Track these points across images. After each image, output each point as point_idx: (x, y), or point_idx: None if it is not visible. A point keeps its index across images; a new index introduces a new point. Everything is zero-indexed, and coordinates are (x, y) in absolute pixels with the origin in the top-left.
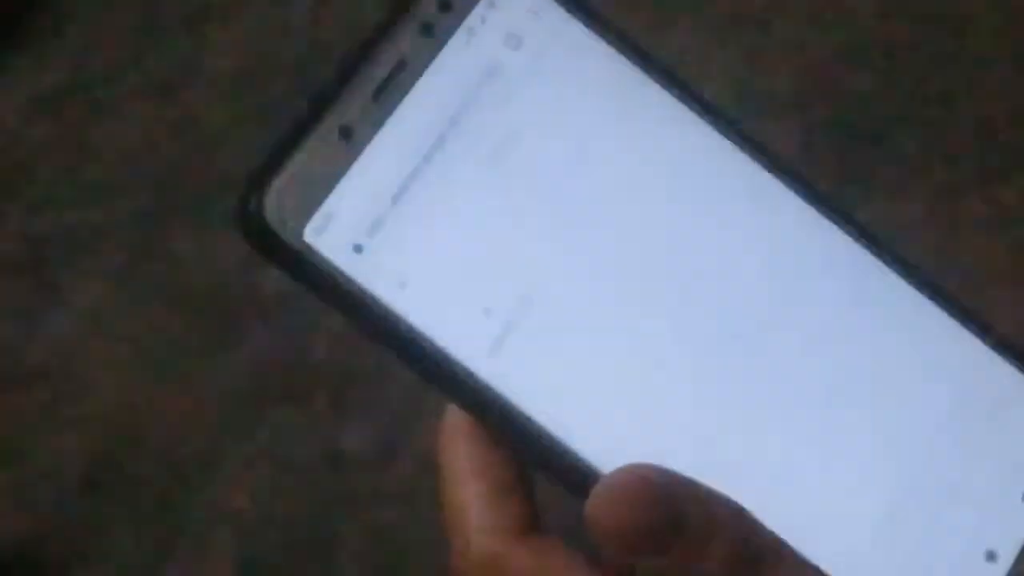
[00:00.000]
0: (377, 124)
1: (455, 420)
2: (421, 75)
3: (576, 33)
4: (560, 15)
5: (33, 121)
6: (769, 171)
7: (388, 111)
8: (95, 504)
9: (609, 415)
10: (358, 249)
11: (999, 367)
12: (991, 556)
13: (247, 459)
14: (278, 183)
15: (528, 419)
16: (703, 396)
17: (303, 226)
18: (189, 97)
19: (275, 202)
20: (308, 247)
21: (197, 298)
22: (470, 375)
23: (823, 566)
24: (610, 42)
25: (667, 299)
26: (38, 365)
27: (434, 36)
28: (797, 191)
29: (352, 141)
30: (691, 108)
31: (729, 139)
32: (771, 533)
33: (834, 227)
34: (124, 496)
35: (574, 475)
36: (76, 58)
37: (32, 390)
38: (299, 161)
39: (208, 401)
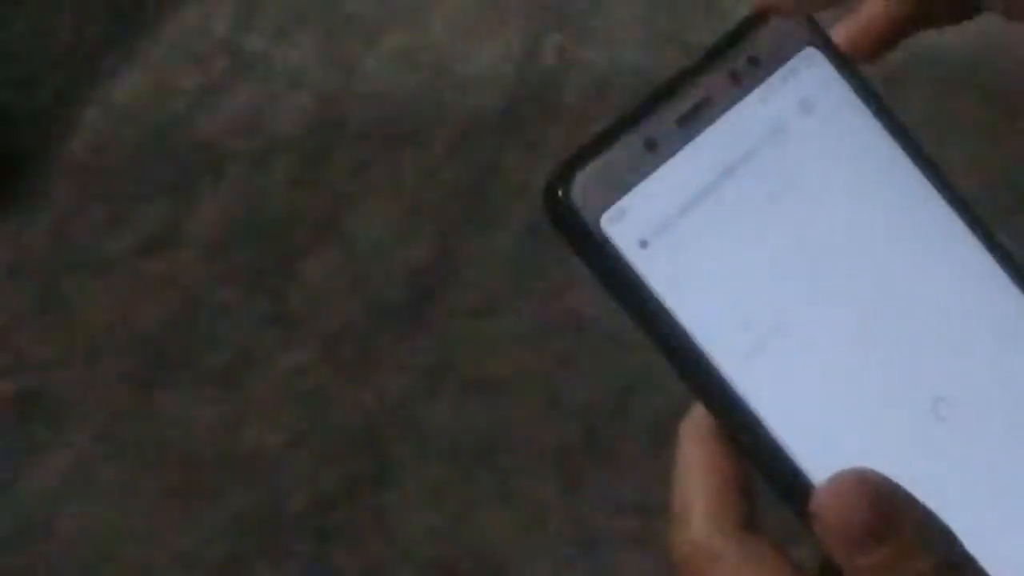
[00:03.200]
0: (678, 145)
1: (697, 419)
2: (723, 114)
3: (858, 112)
4: (850, 95)
5: (18, 280)
6: (991, 252)
7: (689, 137)
8: None
9: (837, 440)
10: (643, 244)
11: None
12: None
13: None
14: (585, 174)
15: (764, 428)
16: (928, 438)
17: (600, 214)
18: (172, 258)
19: (580, 189)
20: (602, 232)
21: (178, 457)
22: (720, 378)
23: None
24: (884, 123)
25: (902, 347)
26: (18, 521)
27: (740, 84)
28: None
29: (655, 153)
30: (940, 190)
31: (964, 220)
32: (973, 559)
33: None
34: None
35: (795, 487)
36: (61, 219)
37: (13, 546)
38: (606, 159)
39: (187, 559)
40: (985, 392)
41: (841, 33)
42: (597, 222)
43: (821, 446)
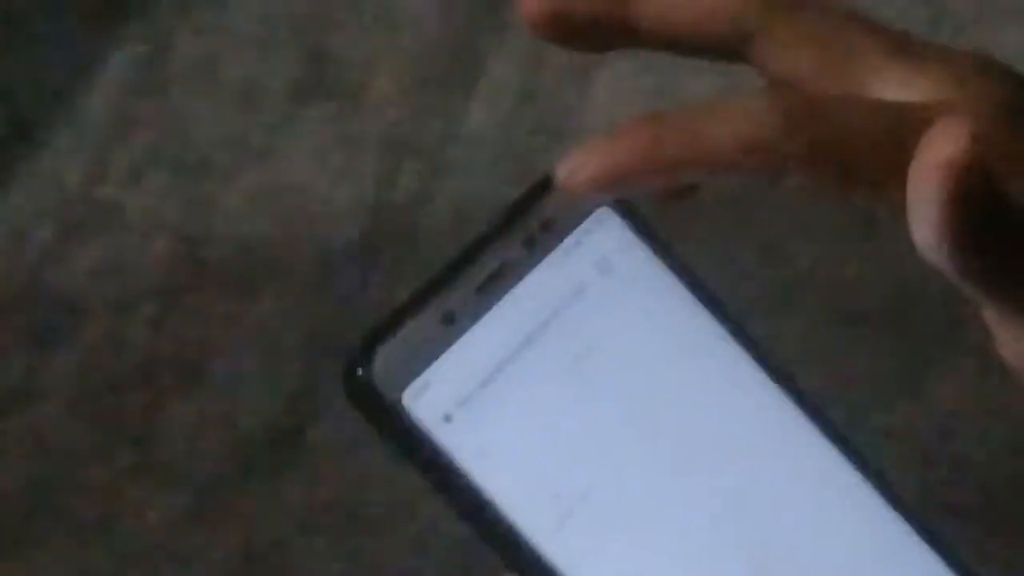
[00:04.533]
0: (476, 315)
1: None
2: (519, 280)
3: (656, 270)
4: (647, 253)
5: None
6: (801, 410)
7: (487, 306)
8: None
9: None
10: (447, 418)
11: None
12: None
13: None
14: (384, 351)
15: None
16: None
17: (401, 391)
18: (32, 412)
19: (380, 367)
20: (404, 409)
21: None
22: (530, 550)
23: None
24: (682, 280)
25: (710, 506)
26: None
27: (535, 249)
28: (826, 433)
29: (453, 325)
30: (742, 347)
31: (774, 380)
32: None
33: (858, 475)
34: None
35: None
36: None
37: None
38: (404, 335)
39: None
40: (801, 549)
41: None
42: (399, 399)
43: None
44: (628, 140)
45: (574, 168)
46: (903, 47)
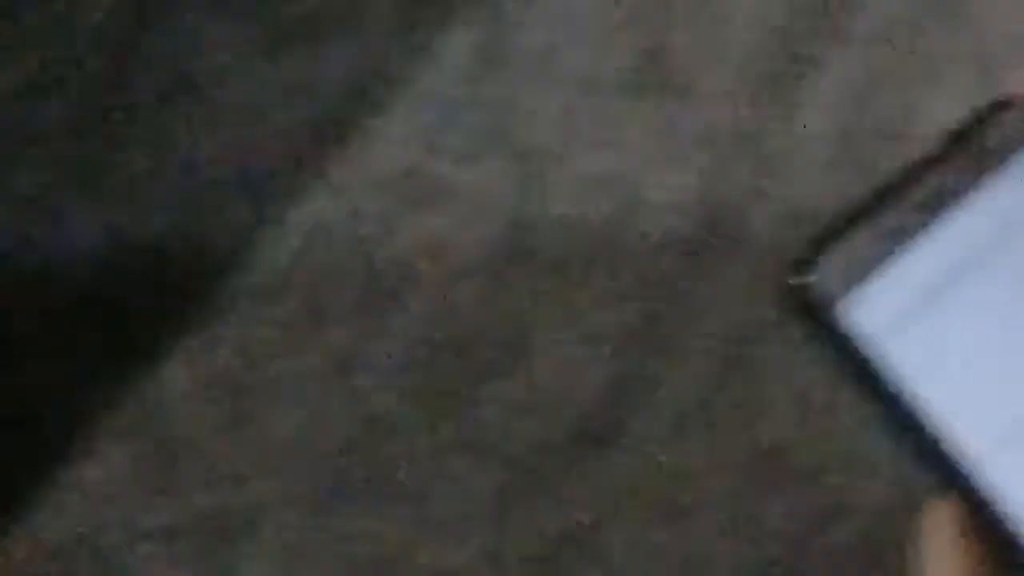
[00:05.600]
0: (916, 233)
1: (942, 508)
2: (958, 203)
3: None
4: None
5: (210, 395)
6: None
7: (927, 225)
8: None
9: None
10: (884, 331)
11: None
12: None
13: None
14: (826, 262)
15: (1017, 521)
16: None
17: (841, 301)
18: (359, 378)
19: (820, 276)
20: (844, 320)
21: (367, 572)
22: (966, 466)
23: None
24: None
25: None
26: None
27: (979, 172)
28: None
29: (895, 240)
30: None
31: None
32: None
33: None
34: None
35: None
36: (243, 338)
37: None
38: (846, 247)
39: None
40: None
41: None
42: (838, 309)
43: None
44: None
45: None
46: None
